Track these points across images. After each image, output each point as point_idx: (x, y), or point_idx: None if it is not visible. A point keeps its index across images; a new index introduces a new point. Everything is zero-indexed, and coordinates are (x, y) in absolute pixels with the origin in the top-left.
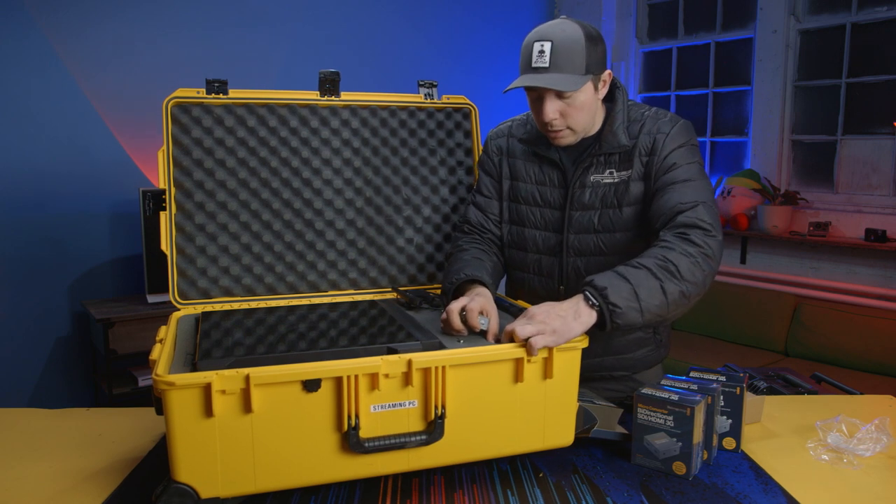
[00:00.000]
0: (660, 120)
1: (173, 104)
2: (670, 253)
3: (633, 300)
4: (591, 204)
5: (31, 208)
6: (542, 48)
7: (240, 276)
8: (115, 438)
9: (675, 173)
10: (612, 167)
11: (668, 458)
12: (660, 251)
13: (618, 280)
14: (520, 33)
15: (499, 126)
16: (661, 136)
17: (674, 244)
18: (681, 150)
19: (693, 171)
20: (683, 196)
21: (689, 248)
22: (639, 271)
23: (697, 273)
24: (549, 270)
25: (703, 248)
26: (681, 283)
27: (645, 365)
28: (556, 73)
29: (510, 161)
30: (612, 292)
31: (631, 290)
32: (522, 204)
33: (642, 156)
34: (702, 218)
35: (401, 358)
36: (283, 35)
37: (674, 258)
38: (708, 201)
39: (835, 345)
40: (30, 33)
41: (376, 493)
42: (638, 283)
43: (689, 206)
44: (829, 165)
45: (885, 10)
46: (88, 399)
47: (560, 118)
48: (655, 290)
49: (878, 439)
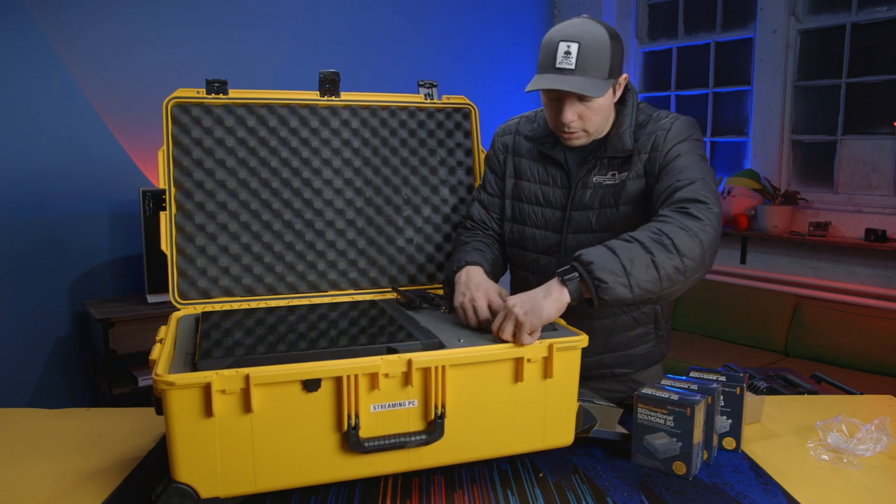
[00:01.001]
0: (661, 120)
1: (173, 104)
2: (666, 226)
3: (621, 275)
4: (590, 204)
5: (31, 208)
6: (569, 49)
7: (240, 276)
8: (115, 438)
9: (676, 161)
10: (614, 169)
11: (668, 458)
12: (655, 224)
13: (606, 254)
14: (520, 33)
15: (507, 123)
16: (661, 133)
17: (671, 217)
18: (683, 144)
19: (693, 158)
20: (682, 175)
21: (687, 220)
22: (630, 245)
23: (695, 247)
24: (547, 269)
25: (701, 220)
26: (676, 257)
27: (645, 362)
28: (581, 77)
29: (515, 159)
30: (598, 267)
31: (619, 264)
32: (525, 203)
33: (642, 153)
34: (699, 191)
35: (401, 358)
36: (283, 35)
37: (669, 231)
38: (707, 178)
39: (835, 345)
40: (30, 33)
41: (376, 493)
42: (627, 256)
43: (687, 183)
44: (829, 165)
45: (885, 10)
46: (88, 399)
47: (578, 120)
48: (647, 264)
49: (878, 439)
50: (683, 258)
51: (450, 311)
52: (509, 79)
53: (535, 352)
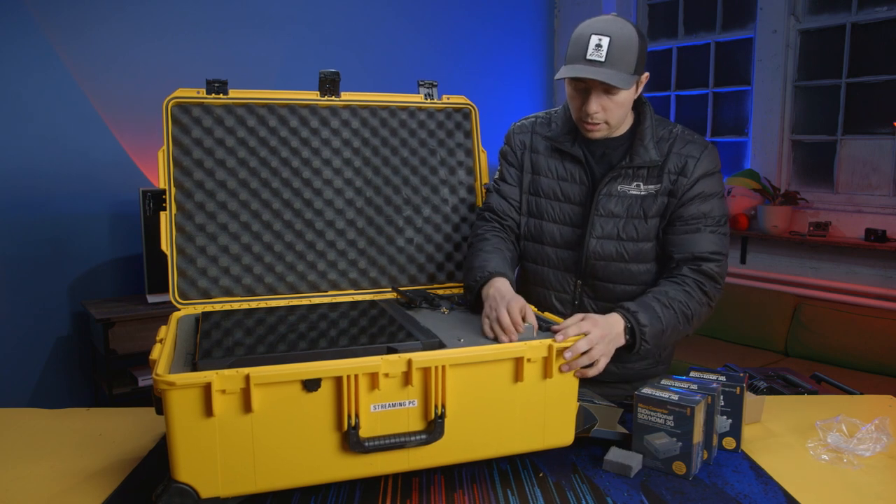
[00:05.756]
0: (689, 143)
1: (173, 104)
2: (692, 301)
3: (659, 339)
4: (617, 213)
5: (31, 208)
6: (601, 42)
7: (240, 276)
8: (115, 438)
9: (702, 204)
10: (639, 180)
11: (668, 458)
12: (684, 296)
13: (655, 321)
14: (520, 34)
15: (521, 121)
16: (692, 161)
17: (694, 292)
18: (708, 179)
19: (719, 208)
20: (714, 245)
21: (704, 298)
22: (668, 313)
23: (703, 320)
24: (567, 265)
25: (712, 301)
26: (690, 328)
27: (641, 378)
28: (610, 69)
29: (532, 156)
30: (649, 332)
31: (661, 330)
32: (543, 198)
33: (671, 174)
34: (722, 274)
35: (401, 357)
36: (284, 35)
37: (694, 308)
38: (727, 254)
39: (835, 345)
40: (30, 33)
41: (376, 493)
42: (667, 327)
43: (715, 258)
44: (829, 165)
45: (885, 10)
46: (88, 399)
47: (602, 112)
48: (675, 334)
49: (878, 439)
50: (693, 328)
51: (450, 311)
52: (509, 79)
53: (535, 352)
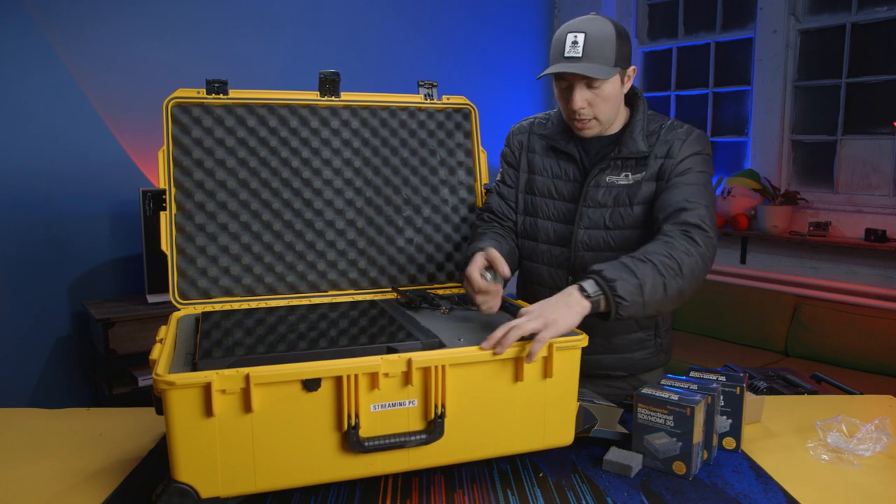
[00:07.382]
0: (676, 129)
1: (173, 104)
2: (674, 250)
3: (638, 294)
4: (604, 202)
5: (31, 208)
6: (576, 39)
7: (240, 276)
8: (115, 438)
9: (686, 176)
10: (627, 170)
11: (668, 458)
12: (664, 247)
13: (626, 273)
14: (520, 34)
15: (520, 123)
16: (677, 142)
17: (677, 241)
18: (695, 158)
19: (703, 178)
20: (690, 195)
21: (691, 246)
22: (645, 266)
23: (697, 271)
24: (559, 261)
25: (702, 248)
26: (681, 280)
27: (643, 367)
28: (587, 63)
29: (529, 156)
30: (621, 285)
31: (638, 284)
32: (538, 196)
33: (657, 158)
34: (704, 218)
35: (401, 357)
36: (284, 35)
37: (678, 256)
38: (710, 206)
39: (835, 345)
40: (30, 33)
41: (376, 493)
42: (644, 278)
43: (694, 206)
44: (829, 165)
45: (885, 10)
46: (88, 399)
47: (588, 107)
48: (659, 286)
49: (878, 439)
50: (687, 281)
51: (450, 311)
52: (509, 79)
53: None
